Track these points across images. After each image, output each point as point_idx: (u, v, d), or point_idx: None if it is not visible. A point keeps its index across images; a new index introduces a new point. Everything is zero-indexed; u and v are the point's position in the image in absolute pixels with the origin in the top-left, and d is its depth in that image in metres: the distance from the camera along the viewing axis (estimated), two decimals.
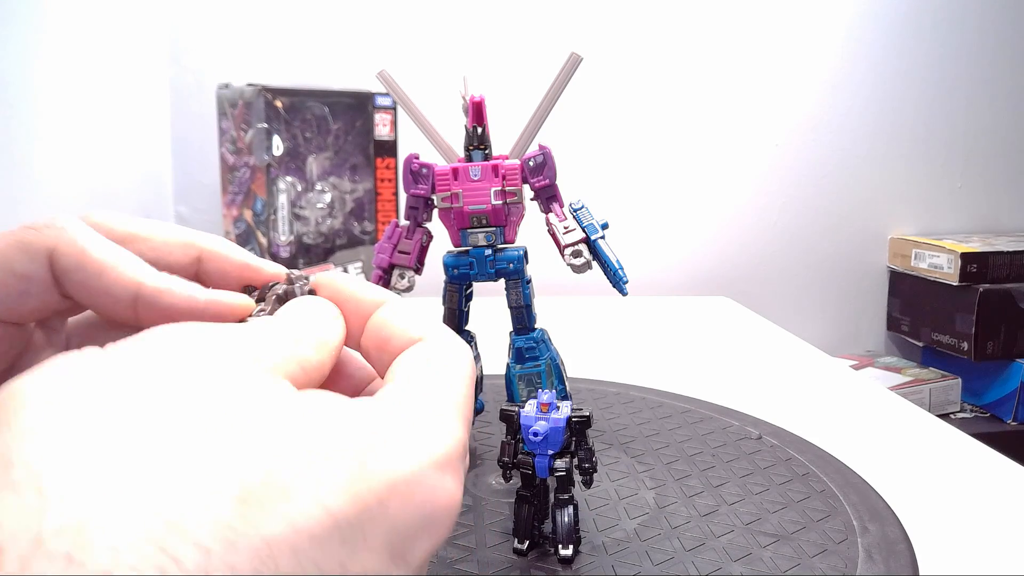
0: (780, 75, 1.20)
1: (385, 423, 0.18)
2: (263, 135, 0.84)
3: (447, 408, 0.19)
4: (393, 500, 0.16)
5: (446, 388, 0.20)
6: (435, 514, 0.17)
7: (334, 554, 0.15)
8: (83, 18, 0.83)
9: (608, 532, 0.41)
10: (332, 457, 0.16)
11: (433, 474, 0.17)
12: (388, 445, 0.17)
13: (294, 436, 0.16)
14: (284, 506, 0.15)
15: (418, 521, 0.17)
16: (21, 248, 0.20)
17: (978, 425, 1.12)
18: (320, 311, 0.21)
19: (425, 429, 0.18)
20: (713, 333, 0.90)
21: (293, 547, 0.14)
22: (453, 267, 0.49)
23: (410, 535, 0.16)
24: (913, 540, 0.40)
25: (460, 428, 0.19)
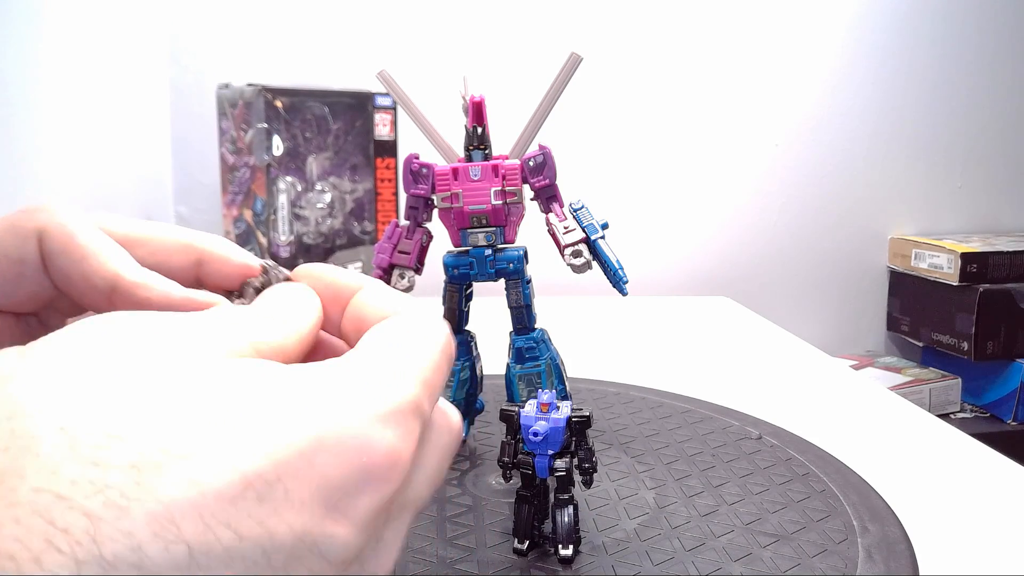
0: (780, 75, 1.20)
1: (327, 380, 0.17)
2: (263, 135, 0.84)
3: (400, 365, 0.19)
4: (320, 454, 0.16)
5: (404, 349, 0.19)
6: (373, 467, 0.16)
7: (250, 512, 0.15)
8: (83, 18, 0.83)
9: (608, 532, 0.41)
10: (250, 418, 0.16)
11: (370, 426, 0.17)
12: (321, 400, 0.17)
13: (208, 401, 0.16)
14: (185, 469, 0.14)
15: (354, 474, 0.16)
16: (13, 231, 0.20)
17: (978, 425, 1.12)
18: (288, 295, 0.21)
19: (368, 383, 0.18)
20: (713, 333, 0.90)
21: (197, 507, 0.14)
22: (453, 267, 0.49)
23: (346, 488, 0.16)
24: (913, 540, 0.40)
25: (413, 385, 0.18)
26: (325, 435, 0.16)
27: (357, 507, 0.16)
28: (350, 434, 0.16)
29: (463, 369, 0.52)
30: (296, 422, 0.16)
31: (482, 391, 0.55)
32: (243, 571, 0.14)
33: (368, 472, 0.16)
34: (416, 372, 0.19)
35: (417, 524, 0.42)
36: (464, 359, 0.52)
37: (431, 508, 0.44)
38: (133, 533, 0.14)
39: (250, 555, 0.14)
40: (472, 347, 0.53)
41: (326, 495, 0.16)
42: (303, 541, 0.15)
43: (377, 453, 0.17)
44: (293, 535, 0.15)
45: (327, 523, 0.16)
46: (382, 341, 0.19)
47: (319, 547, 0.16)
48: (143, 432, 0.15)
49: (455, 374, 0.52)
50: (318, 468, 0.16)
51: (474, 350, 0.53)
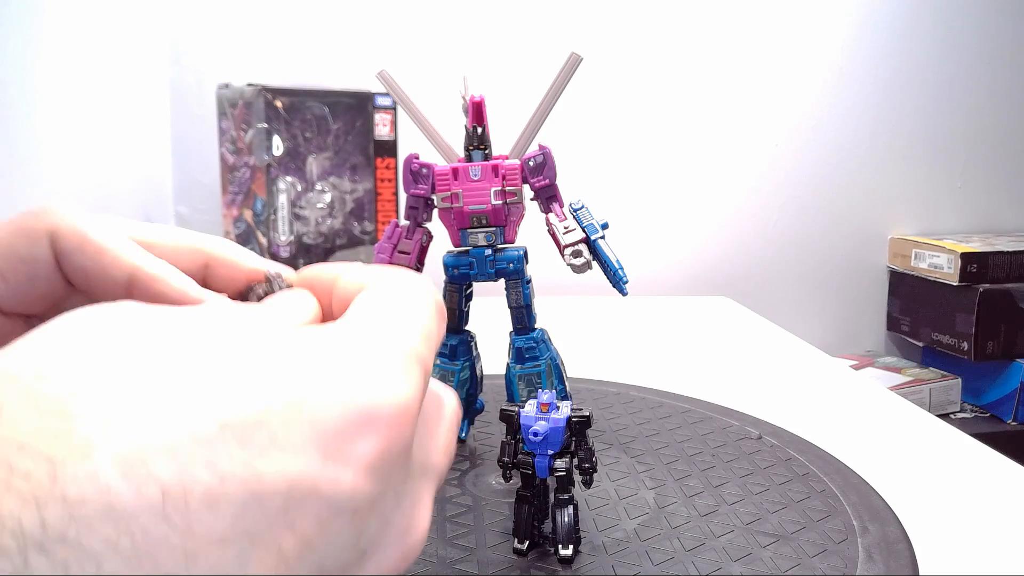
0: (780, 75, 1.20)
1: (318, 337, 0.17)
2: (263, 135, 0.84)
3: (396, 317, 0.18)
4: (310, 401, 0.15)
5: (397, 304, 0.19)
6: (376, 412, 0.16)
7: (231, 454, 0.14)
8: (83, 18, 0.83)
9: (608, 532, 0.41)
10: (230, 370, 0.15)
11: (369, 372, 0.16)
12: (311, 353, 0.16)
13: (185, 357, 0.15)
14: (156, 414, 0.14)
15: (353, 419, 0.16)
16: (22, 233, 0.21)
17: (978, 425, 1.12)
18: (289, 300, 0.21)
19: (365, 335, 0.17)
20: (713, 333, 0.90)
21: (169, 449, 0.14)
22: (453, 267, 0.49)
23: (345, 433, 0.16)
24: (913, 540, 0.40)
25: (412, 333, 0.18)
26: (316, 383, 0.16)
27: (361, 452, 0.16)
28: (345, 380, 0.16)
29: (463, 369, 0.52)
30: (282, 372, 0.16)
31: (482, 391, 0.55)
32: (231, 514, 0.14)
33: (370, 417, 0.16)
34: (413, 322, 0.19)
35: None
36: (464, 359, 0.52)
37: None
38: (98, 474, 0.13)
39: (236, 497, 0.14)
40: (472, 347, 0.53)
41: (322, 440, 0.15)
42: (300, 485, 0.15)
43: (380, 398, 0.16)
44: (286, 478, 0.15)
45: (327, 467, 0.15)
46: (373, 301, 0.19)
47: (321, 491, 0.15)
48: (113, 387, 0.15)
49: (455, 374, 0.52)
50: (308, 413, 0.15)
51: (474, 350, 0.53)
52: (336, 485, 0.15)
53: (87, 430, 0.14)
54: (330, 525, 0.15)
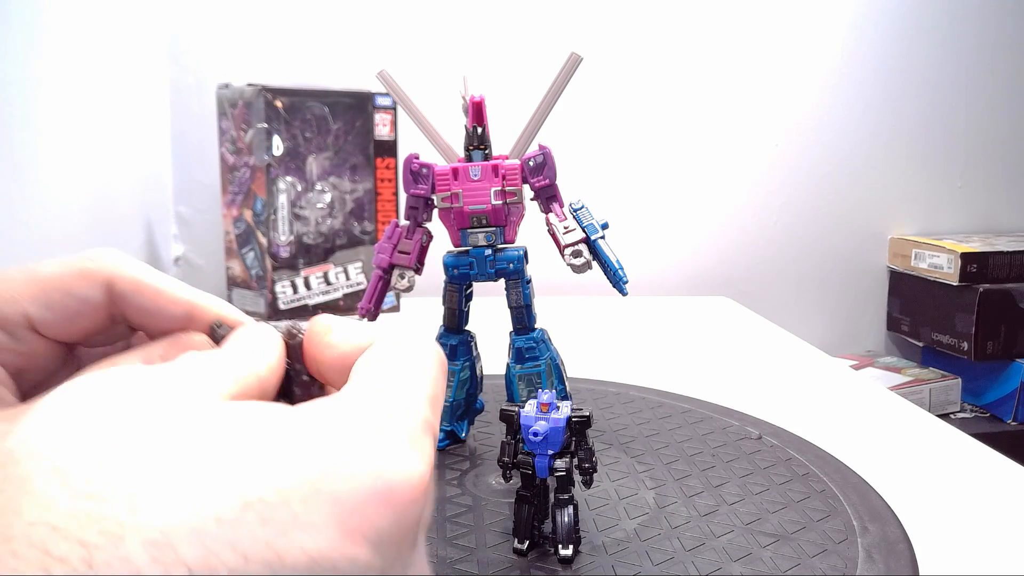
0: (780, 75, 1.20)
1: (329, 412, 0.17)
2: (263, 135, 0.84)
3: (404, 388, 0.19)
4: (330, 474, 0.16)
5: (404, 372, 0.19)
6: (394, 489, 0.16)
7: (255, 534, 0.15)
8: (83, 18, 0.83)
9: (608, 532, 0.41)
10: (249, 451, 0.16)
11: (385, 445, 0.17)
12: (325, 430, 0.17)
13: (205, 438, 0.16)
14: (181, 495, 0.15)
15: (372, 497, 0.16)
16: (81, 275, 0.24)
17: (978, 425, 1.12)
18: (248, 334, 0.22)
19: (376, 409, 0.18)
20: (713, 333, 0.90)
21: (195, 531, 0.14)
22: (453, 267, 0.49)
23: (364, 511, 0.16)
24: (913, 540, 0.40)
25: (421, 405, 0.19)
26: (334, 459, 0.16)
27: (378, 528, 0.16)
28: (362, 456, 0.16)
29: (463, 369, 0.52)
30: (300, 448, 0.16)
31: (482, 391, 0.55)
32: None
33: (388, 493, 0.16)
34: (421, 389, 0.19)
35: None
36: (464, 359, 0.52)
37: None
38: (130, 559, 0.14)
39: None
40: (472, 347, 0.53)
41: (342, 517, 0.16)
42: (320, 564, 0.15)
43: (396, 473, 0.17)
44: (308, 557, 0.15)
45: (347, 544, 0.15)
46: (380, 367, 0.20)
47: (339, 568, 0.15)
48: (138, 466, 0.15)
49: (455, 374, 0.52)
50: (328, 491, 0.16)
51: (474, 350, 0.53)
52: (355, 562, 0.16)
53: (116, 513, 0.14)
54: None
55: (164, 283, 0.24)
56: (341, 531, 0.15)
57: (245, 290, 0.90)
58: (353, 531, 0.16)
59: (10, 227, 0.66)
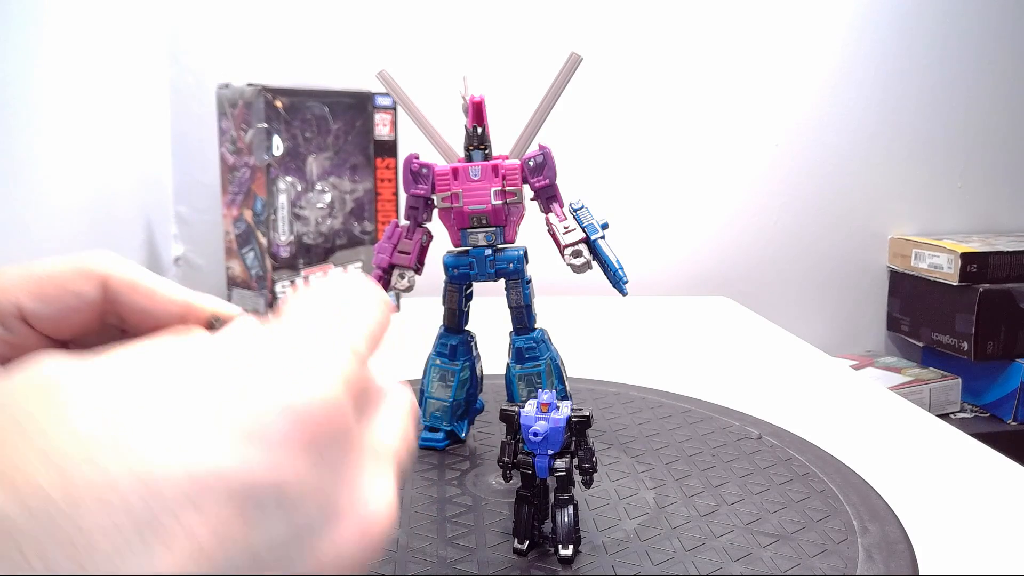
0: (780, 75, 1.20)
1: (248, 338, 0.18)
2: (263, 135, 0.84)
3: (320, 316, 0.19)
4: (234, 400, 0.16)
5: (324, 302, 0.20)
6: (289, 403, 0.16)
7: (121, 451, 0.15)
8: (83, 18, 0.83)
9: (608, 532, 0.41)
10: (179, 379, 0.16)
11: (291, 367, 0.17)
12: (237, 353, 0.17)
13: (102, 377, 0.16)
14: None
15: (265, 410, 0.16)
16: (79, 272, 0.24)
17: (978, 425, 1.12)
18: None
19: (285, 336, 0.18)
20: (713, 333, 0.90)
21: (47, 452, 0.14)
22: (453, 267, 0.49)
23: (258, 423, 0.16)
24: (913, 540, 0.40)
25: (346, 336, 0.19)
26: (242, 385, 0.16)
27: (276, 440, 0.16)
28: (265, 378, 0.17)
29: (463, 369, 0.52)
30: (203, 376, 0.16)
31: (482, 391, 0.55)
32: (123, 507, 0.14)
33: (284, 410, 0.16)
34: (342, 316, 0.20)
35: (417, 524, 0.42)
36: (464, 359, 0.52)
37: (431, 508, 0.44)
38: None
39: (127, 488, 0.14)
40: (472, 347, 0.53)
41: (229, 431, 0.16)
42: (201, 473, 0.15)
43: (295, 393, 0.17)
44: (186, 468, 0.15)
45: (236, 456, 0.15)
46: (302, 299, 0.20)
47: (230, 480, 0.15)
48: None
49: (455, 374, 0.52)
50: (238, 403, 0.16)
51: (474, 350, 0.53)
52: (248, 475, 0.15)
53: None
54: (249, 512, 0.15)
55: (158, 283, 0.25)
56: (230, 443, 0.15)
57: (245, 290, 0.90)
58: (243, 443, 0.16)
59: (10, 227, 0.66)
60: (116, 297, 0.25)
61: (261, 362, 0.17)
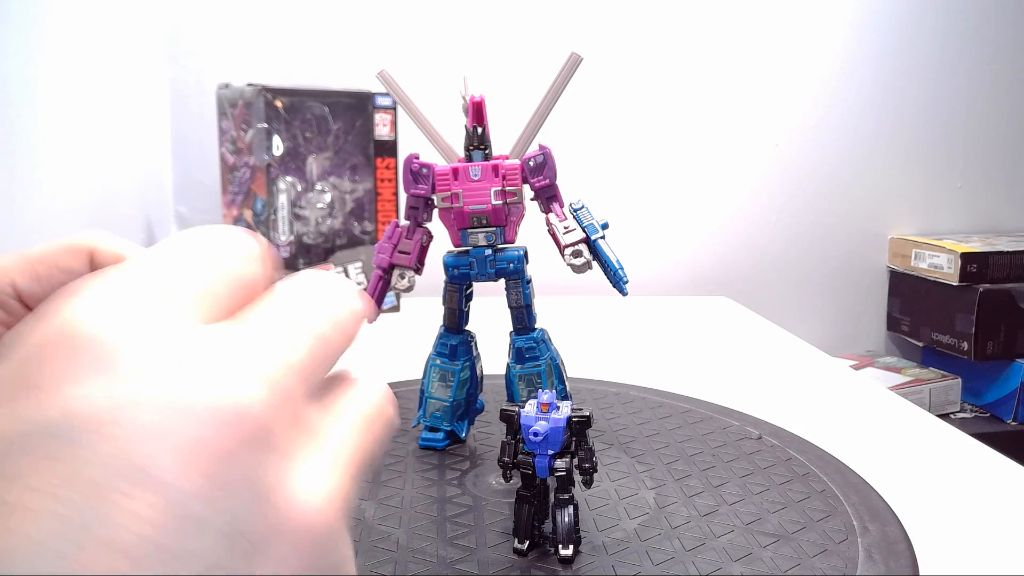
0: (780, 75, 1.20)
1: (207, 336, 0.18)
2: (263, 135, 0.84)
3: (278, 322, 0.19)
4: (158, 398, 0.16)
5: (289, 306, 0.20)
6: (201, 407, 0.16)
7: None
8: (83, 18, 0.83)
9: (608, 532, 0.41)
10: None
11: (219, 377, 0.17)
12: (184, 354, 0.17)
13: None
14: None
15: (177, 413, 0.16)
16: (66, 248, 0.25)
17: (978, 425, 1.12)
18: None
19: (227, 340, 0.18)
20: (713, 333, 0.90)
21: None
22: (453, 267, 0.49)
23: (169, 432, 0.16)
24: (913, 540, 0.40)
25: (286, 341, 0.19)
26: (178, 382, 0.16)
27: (187, 453, 0.16)
28: (204, 383, 0.16)
29: (463, 369, 0.52)
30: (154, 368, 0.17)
31: (482, 391, 0.55)
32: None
33: (193, 413, 0.16)
34: (299, 328, 0.19)
35: (417, 524, 0.42)
36: (464, 359, 0.52)
37: (431, 508, 0.44)
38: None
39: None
40: (472, 347, 0.53)
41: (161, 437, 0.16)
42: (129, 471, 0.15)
43: (222, 402, 0.16)
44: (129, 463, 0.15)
45: (153, 460, 0.15)
46: (265, 299, 0.20)
47: (142, 481, 0.15)
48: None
49: (455, 374, 0.52)
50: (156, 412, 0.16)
51: (474, 350, 0.53)
52: (154, 475, 0.15)
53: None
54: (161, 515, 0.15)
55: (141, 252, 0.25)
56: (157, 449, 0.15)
57: None
58: (163, 449, 0.15)
59: (10, 227, 0.66)
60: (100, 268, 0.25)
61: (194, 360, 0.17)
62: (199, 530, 0.15)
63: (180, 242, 0.20)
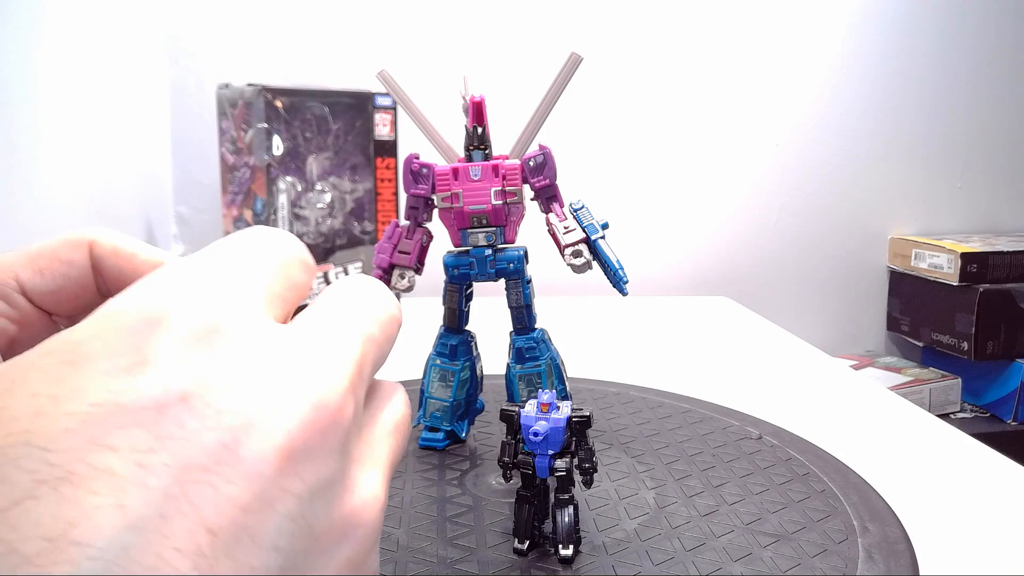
0: (780, 75, 1.20)
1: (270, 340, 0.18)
2: (263, 135, 0.84)
3: (339, 326, 0.20)
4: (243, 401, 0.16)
5: (335, 311, 0.20)
6: (305, 410, 0.17)
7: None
8: (83, 18, 0.83)
9: (608, 532, 0.41)
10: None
11: (306, 375, 0.17)
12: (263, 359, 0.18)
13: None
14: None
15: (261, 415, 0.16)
16: (66, 241, 0.25)
17: (978, 425, 1.12)
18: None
19: (309, 343, 0.19)
20: (713, 333, 0.90)
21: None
22: (453, 267, 0.49)
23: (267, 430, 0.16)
24: (913, 540, 0.40)
25: (351, 343, 0.19)
26: (261, 385, 0.17)
27: (289, 447, 0.17)
28: (290, 385, 0.17)
29: (463, 369, 0.52)
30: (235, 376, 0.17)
31: (482, 391, 0.55)
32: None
33: (303, 418, 0.17)
34: (355, 329, 0.20)
35: (417, 524, 0.42)
36: (464, 359, 0.52)
37: (431, 508, 0.44)
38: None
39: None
40: (472, 347, 0.53)
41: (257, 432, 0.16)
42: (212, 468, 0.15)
43: (312, 399, 0.17)
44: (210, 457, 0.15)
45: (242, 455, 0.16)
46: (319, 305, 0.20)
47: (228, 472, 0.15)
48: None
49: (455, 374, 0.52)
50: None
51: (474, 350, 0.53)
52: (248, 470, 0.16)
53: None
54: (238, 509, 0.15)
55: (141, 247, 0.25)
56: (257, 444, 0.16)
57: None
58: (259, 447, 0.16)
59: (11, 227, 0.66)
60: (100, 263, 0.25)
61: (284, 355, 0.17)
62: (279, 516, 0.16)
63: (253, 241, 0.21)
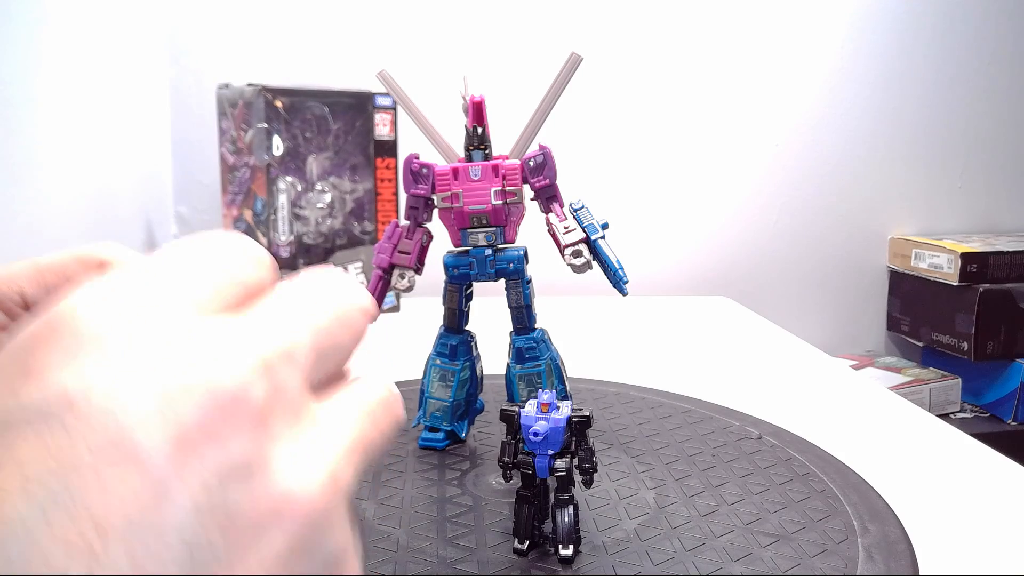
0: (780, 75, 1.20)
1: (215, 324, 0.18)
2: (263, 135, 0.84)
3: (287, 316, 0.19)
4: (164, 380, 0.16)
5: (297, 302, 0.20)
6: (211, 392, 0.16)
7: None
8: (83, 18, 0.83)
9: (608, 532, 0.41)
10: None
11: (216, 361, 0.17)
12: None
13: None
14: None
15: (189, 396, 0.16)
16: (77, 259, 0.25)
17: (978, 425, 1.12)
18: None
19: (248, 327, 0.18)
20: (713, 333, 0.90)
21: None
22: (453, 267, 0.49)
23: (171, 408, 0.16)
24: (913, 540, 0.40)
25: (292, 331, 0.19)
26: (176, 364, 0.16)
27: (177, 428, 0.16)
28: (196, 366, 0.16)
29: (463, 369, 0.52)
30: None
31: (482, 391, 0.55)
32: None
33: (207, 397, 0.16)
34: (304, 321, 0.19)
35: (417, 524, 0.42)
36: (464, 359, 0.52)
37: (431, 508, 0.44)
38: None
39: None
40: (472, 347, 0.53)
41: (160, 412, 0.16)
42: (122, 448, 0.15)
43: (217, 384, 0.16)
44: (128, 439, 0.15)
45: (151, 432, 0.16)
46: (274, 294, 0.20)
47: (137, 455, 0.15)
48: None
49: (455, 374, 0.52)
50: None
51: (474, 350, 0.53)
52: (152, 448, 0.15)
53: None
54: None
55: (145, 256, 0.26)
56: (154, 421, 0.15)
57: None
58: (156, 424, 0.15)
59: (10, 227, 0.66)
60: None
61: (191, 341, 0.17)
62: (179, 508, 0.15)
63: (183, 244, 0.20)
